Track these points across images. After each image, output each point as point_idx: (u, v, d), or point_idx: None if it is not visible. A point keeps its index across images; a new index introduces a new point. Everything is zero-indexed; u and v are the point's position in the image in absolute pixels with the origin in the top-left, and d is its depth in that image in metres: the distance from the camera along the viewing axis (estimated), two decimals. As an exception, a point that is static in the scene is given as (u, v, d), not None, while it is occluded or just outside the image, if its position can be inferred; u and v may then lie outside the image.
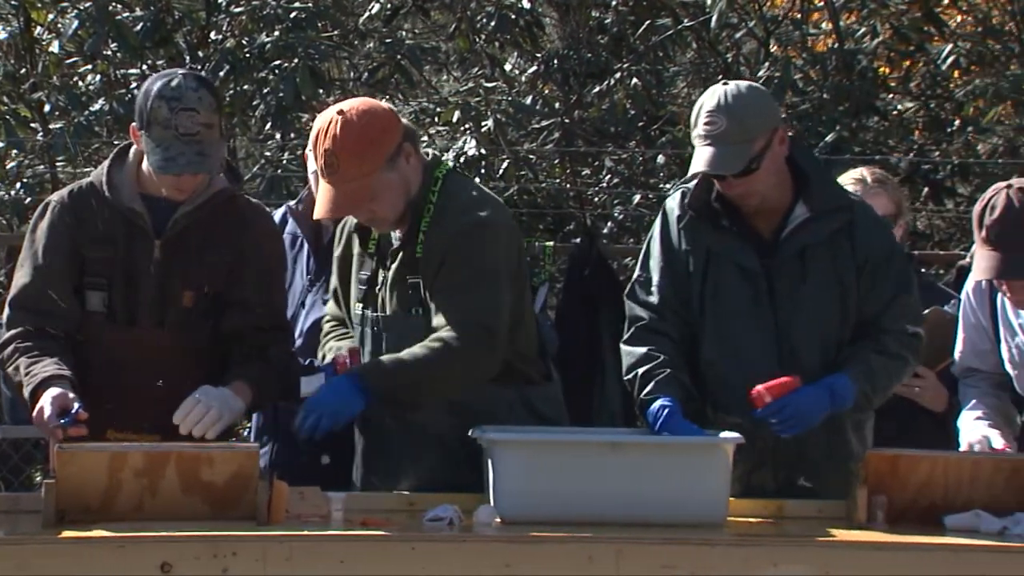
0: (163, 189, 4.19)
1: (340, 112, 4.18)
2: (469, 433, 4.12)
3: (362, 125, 4.16)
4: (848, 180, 5.06)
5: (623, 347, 4.34)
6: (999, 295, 4.39)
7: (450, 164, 4.36)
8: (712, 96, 4.23)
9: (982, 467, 4.02)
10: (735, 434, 4.06)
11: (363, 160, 4.15)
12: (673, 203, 4.39)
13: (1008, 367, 4.39)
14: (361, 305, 4.32)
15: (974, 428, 4.33)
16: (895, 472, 4.02)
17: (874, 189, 4.99)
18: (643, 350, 4.29)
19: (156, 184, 4.20)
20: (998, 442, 4.24)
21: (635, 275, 4.43)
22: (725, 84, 4.28)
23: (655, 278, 4.36)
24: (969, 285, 4.48)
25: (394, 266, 4.27)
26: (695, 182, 4.34)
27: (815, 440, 4.24)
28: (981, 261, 4.22)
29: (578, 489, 3.95)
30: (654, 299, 4.36)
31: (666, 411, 4.17)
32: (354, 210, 4.24)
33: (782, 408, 4.08)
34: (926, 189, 10.40)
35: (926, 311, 4.66)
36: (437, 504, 3.97)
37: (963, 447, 4.30)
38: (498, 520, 3.94)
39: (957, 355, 4.52)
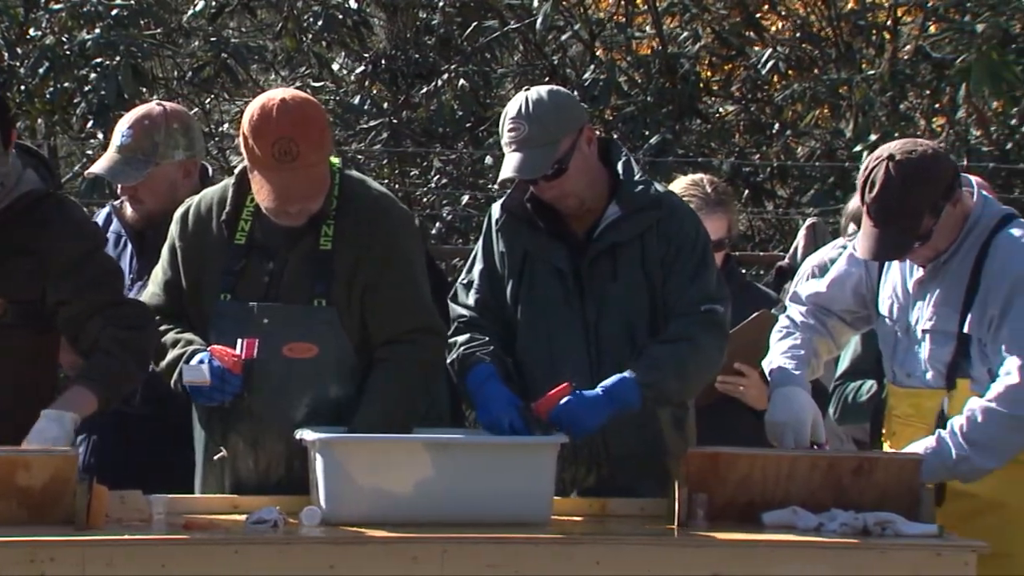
0: None
1: (282, 100, 4.13)
2: (295, 434, 4.10)
3: (311, 111, 4.16)
4: (687, 186, 5.06)
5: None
6: None
7: (338, 161, 4.36)
8: (515, 103, 4.32)
9: (799, 464, 4.10)
10: (560, 434, 4.10)
11: (321, 145, 4.15)
12: (496, 206, 4.45)
13: (880, 320, 4.40)
14: (230, 296, 4.25)
15: (786, 396, 4.34)
16: (715, 470, 4.08)
17: (717, 212, 5.01)
18: (465, 336, 4.35)
19: None
20: (823, 433, 4.32)
21: (459, 278, 4.48)
22: (527, 90, 4.35)
23: (476, 281, 4.42)
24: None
25: (292, 258, 4.23)
26: (514, 184, 4.40)
27: (624, 437, 4.29)
28: (863, 238, 4.24)
29: (404, 489, 3.95)
30: (473, 300, 4.41)
31: (485, 375, 4.23)
32: (316, 196, 4.17)
33: (558, 419, 4.13)
34: (747, 191, 10.59)
35: (754, 314, 4.73)
36: (261, 506, 3.94)
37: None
38: (323, 521, 3.93)
39: (823, 286, 4.48)
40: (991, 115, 10.30)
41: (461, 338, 4.35)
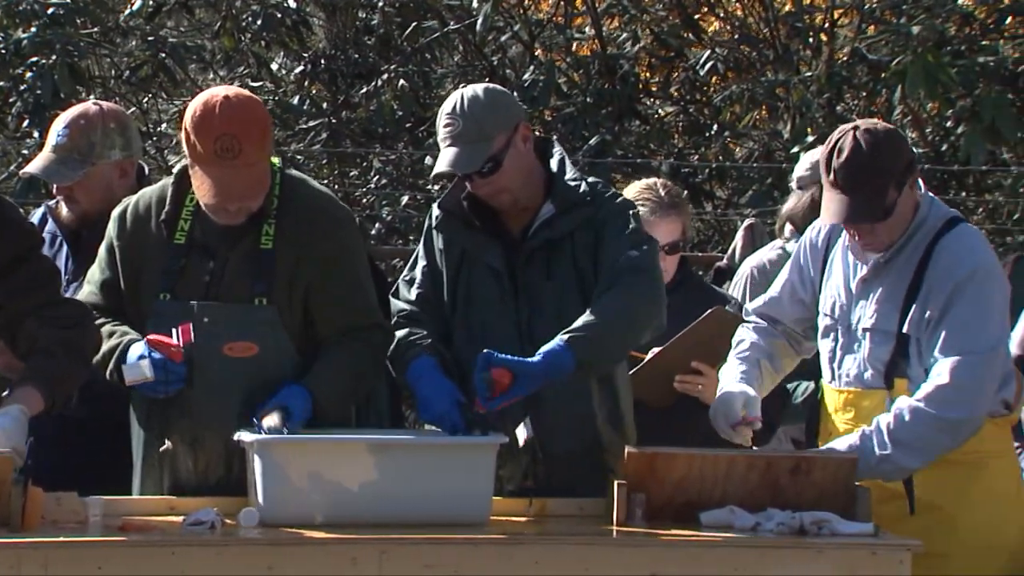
0: None
1: (225, 97, 4.13)
2: (234, 437, 4.08)
3: (254, 109, 4.16)
4: (641, 190, 5.07)
5: None
6: (833, 251, 4.41)
7: (278, 160, 4.37)
8: (451, 100, 4.35)
9: (736, 464, 4.11)
10: (499, 434, 4.11)
11: (263, 143, 4.15)
12: (436, 205, 4.46)
13: (821, 318, 4.41)
14: (170, 296, 4.24)
15: (731, 384, 4.38)
16: (653, 470, 4.09)
17: (671, 214, 5.02)
18: (404, 331, 4.36)
19: None
20: (756, 411, 4.33)
21: (402, 275, 4.49)
22: (464, 87, 4.39)
23: (418, 277, 4.43)
24: (812, 232, 4.47)
25: (232, 257, 4.22)
26: (453, 183, 4.42)
27: (562, 435, 4.31)
28: (830, 205, 4.22)
29: (343, 490, 3.94)
30: (415, 295, 4.43)
31: (425, 367, 4.23)
32: (256, 194, 4.17)
33: (500, 399, 4.13)
34: (685, 192, 10.62)
35: (709, 310, 4.75)
36: (198, 508, 3.93)
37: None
38: (261, 523, 3.91)
39: (764, 299, 4.53)
40: (926, 117, 10.40)
41: (400, 333, 4.36)
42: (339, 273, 4.24)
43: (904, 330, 4.22)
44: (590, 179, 4.43)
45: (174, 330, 4.15)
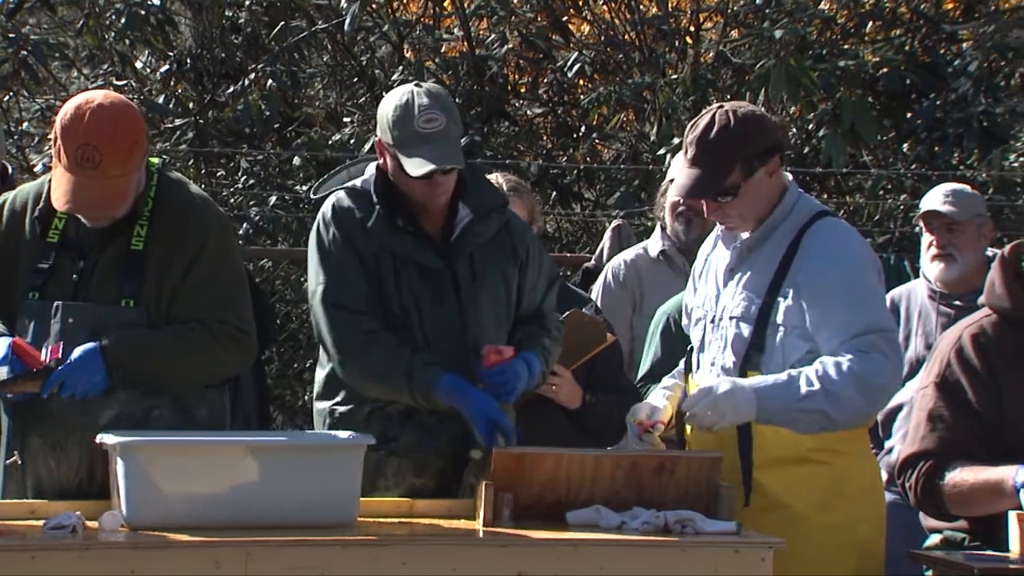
0: None
1: (99, 105, 4.08)
2: (96, 439, 4.04)
3: (126, 120, 4.10)
4: None
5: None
6: (713, 249, 4.46)
7: (157, 161, 4.33)
8: (422, 95, 4.29)
9: (603, 464, 4.15)
10: (367, 435, 4.10)
11: (129, 156, 4.09)
12: (340, 205, 4.37)
13: (696, 311, 4.46)
14: (38, 295, 4.18)
15: (652, 396, 4.48)
16: (521, 469, 4.11)
17: (509, 197, 5.09)
18: (392, 345, 4.27)
19: None
20: (664, 414, 4.40)
21: (314, 283, 4.40)
22: (415, 84, 4.35)
23: (352, 279, 4.34)
24: (708, 245, 4.52)
25: (103, 258, 4.17)
26: (358, 185, 4.41)
27: (432, 437, 4.31)
28: (678, 179, 4.28)
29: (208, 492, 3.91)
30: (364, 300, 4.31)
31: (456, 382, 4.22)
32: (110, 207, 4.12)
33: (504, 371, 4.20)
34: (554, 193, 10.70)
35: (565, 313, 4.80)
36: (59, 511, 3.88)
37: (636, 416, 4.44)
38: (125, 526, 3.87)
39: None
40: (789, 120, 10.54)
41: (388, 343, 4.24)
42: (201, 270, 4.20)
43: (770, 319, 4.24)
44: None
45: (45, 348, 4.10)
